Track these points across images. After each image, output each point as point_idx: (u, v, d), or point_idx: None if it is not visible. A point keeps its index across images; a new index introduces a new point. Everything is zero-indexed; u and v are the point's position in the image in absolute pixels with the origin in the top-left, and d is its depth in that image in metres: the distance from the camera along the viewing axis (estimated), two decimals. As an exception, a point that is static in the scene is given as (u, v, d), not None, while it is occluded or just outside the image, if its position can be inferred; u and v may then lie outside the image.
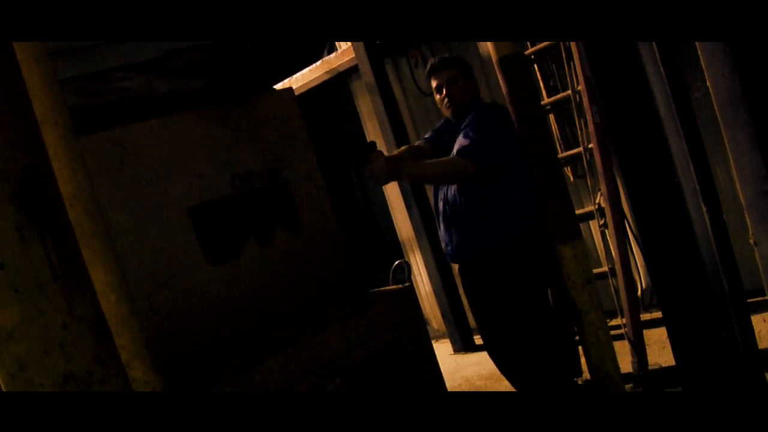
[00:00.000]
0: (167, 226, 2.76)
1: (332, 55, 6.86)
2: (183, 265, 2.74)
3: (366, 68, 6.20)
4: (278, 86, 7.12)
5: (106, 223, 1.82)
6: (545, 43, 5.21)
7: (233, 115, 3.04)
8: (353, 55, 6.38)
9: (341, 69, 6.77)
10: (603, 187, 4.52)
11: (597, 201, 4.75)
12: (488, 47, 3.19)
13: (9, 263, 0.83)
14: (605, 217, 4.62)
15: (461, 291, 5.60)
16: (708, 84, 1.72)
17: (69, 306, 0.85)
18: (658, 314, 5.44)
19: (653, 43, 1.91)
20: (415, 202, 6.38)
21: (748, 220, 1.83)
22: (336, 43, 6.97)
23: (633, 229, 4.68)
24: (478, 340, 6.75)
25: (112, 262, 1.68)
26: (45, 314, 0.84)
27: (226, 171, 2.91)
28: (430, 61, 3.94)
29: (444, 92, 3.86)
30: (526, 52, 5.35)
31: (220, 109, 3.03)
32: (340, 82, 7.09)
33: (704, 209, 1.84)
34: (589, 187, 4.81)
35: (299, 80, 7.12)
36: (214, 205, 2.86)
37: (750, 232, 1.85)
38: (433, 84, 3.93)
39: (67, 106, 2.47)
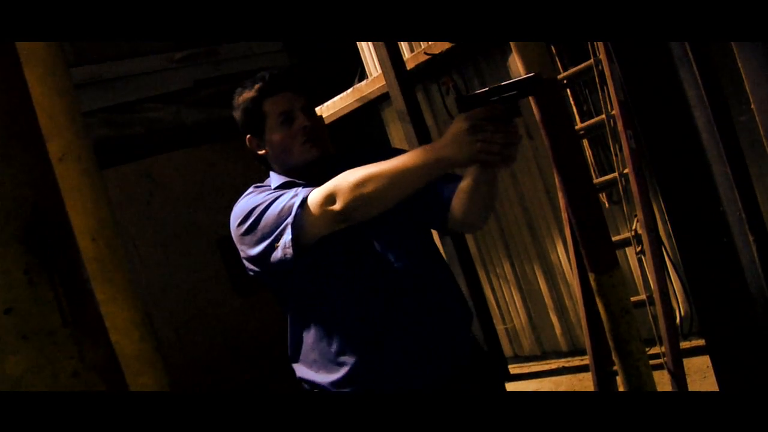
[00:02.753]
0: (196, 257, 2.73)
1: (363, 83, 6.85)
2: (212, 297, 2.71)
3: (397, 95, 6.18)
4: (309, 114, 7.12)
5: (130, 258, 1.79)
6: (578, 68, 5.15)
7: (262, 145, 3.01)
8: (384, 82, 6.36)
9: (372, 96, 6.76)
10: (639, 214, 4.43)
11: (633, 227, 4.65)
12: (521, 72, 3.13)
13: (16, 308, 0.79)
14: (642, 244, 4.53)
15: None
16: (753, 108, 1.65)
17: (80, 353, 0.81)
18: (697, 342, 5.32)
19: (693, 64, 1.85)
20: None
21: (796, 248, 1.76)
22: (367, 70, 6.96)
23: (670, 255, 4.58)
24: (513, 369, 6.65)
25: (135, 299, 1.65)
26: (54, 362, 0.79)
27: (256, 201, 2.88)
28: (262, 76, 2.35)
29: (303, 123, 2.27)
30: (559, 77, 5.29)
31: (249, 139, 3.00)
32: (371, 109, 7.07)
33: (751, 238, 1.77)
34: (625, 213, 4.73)
35: (330, 108, 7.11)
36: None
37: (799, 262, 1.78)
38: (276, 108, 2.30)
39: (96, 137, 2.44)
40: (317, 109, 7.13)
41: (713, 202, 1.78)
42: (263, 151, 2.33)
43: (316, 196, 2.04)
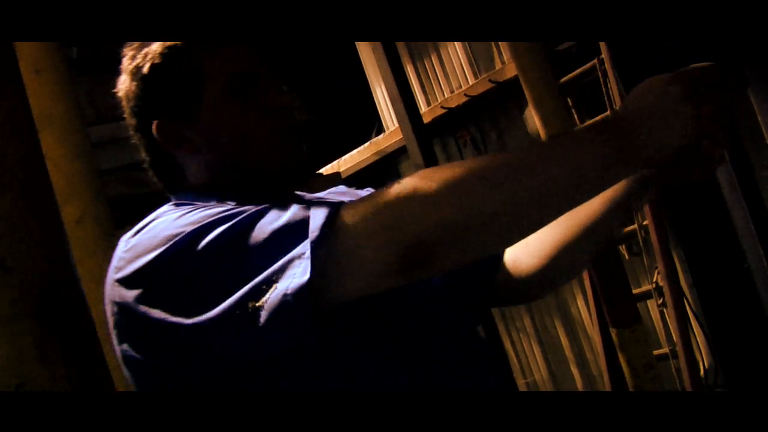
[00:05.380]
0: (214, 316, 2.72)
1: (380, 137, 6.88)
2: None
3: (414, 149, 6.19)
4: (326, 169, 7.16)
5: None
6: (595, 120, 5.15)
7: (280, 202, 3.01)
8: (401, 136, 6.38)
9: (389, 150, 6.77)
10: (660, 266, 4.38)
11: (654, 280, 4.61)
12: (537, 125, 3.13)
13: (29, 383, 0.78)
14: (663, 296, 4.48)
15: None
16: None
17: (92, 429, 0.79)
18: (723, 396, 5.23)
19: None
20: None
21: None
22: (384, 124, 6.99)
23: (693, 307, 4.52)
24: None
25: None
26: (66, 438, 0.78)
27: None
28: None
29: (280, 99, 1.32)
30: (576, 129, 5.29)
31: (267, 196, 3.01)
32: (388, 163, 7.09)
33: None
34: (646, 266, 4.68)
35: (347, 162, 7.14)
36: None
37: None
38: (228, 66, 1.28)
39: (115, 195, 2.44)
40: (335, 163, 7.16)
41: (737, 258, 1.75)
42: (187, 148, 1.28)
43: (362, 209, 1.04)
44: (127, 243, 1.16)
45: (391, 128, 6.72)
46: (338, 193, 1.46)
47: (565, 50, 5.17)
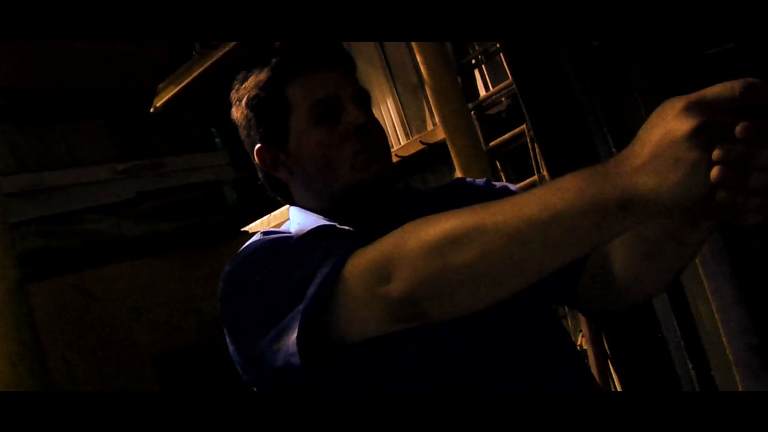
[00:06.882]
0: (130, 375, 2.64)
1: (310, 194, 6.86)
2: (145, 417, 2.60)
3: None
4: (253, 226, 7.09)
5: (60, 375, 1.71)
6: (523, 183, 5.23)
7: (204, 260, 2.97)
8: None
9: (319, 207, 6.76)
10: (584, 329, 4.44)
11: (579, 342, 4.66)
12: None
13: None
14: (587, 359, 4.52)
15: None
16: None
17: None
18: (645, 459, 5.26)
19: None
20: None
21: (736, 375, 1.75)
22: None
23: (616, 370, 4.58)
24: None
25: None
26: None
27: (195, 318, 2.82)
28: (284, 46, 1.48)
29: (357, 118, 1.35)
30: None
31: (191, 254, 2.96)
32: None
33: (690, 365, 1.76)
34: (570, 328, 4.73)
35: (277, 218, 7.09)
36: (181, 353, 2.75)
37: (739, 388, 1.77)
38: (310, 94, 1.37)
39: (30, 248, 2.37)
40: (264, 219, 7.10)
41: (652, 329, 1.78)
42: (284, 172, 1.42)
43: (361, 262, 1.11)
44: (225, 269, 1.33)
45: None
46: (458, 193, 1.49)
47: (495, 115, 5.26)
